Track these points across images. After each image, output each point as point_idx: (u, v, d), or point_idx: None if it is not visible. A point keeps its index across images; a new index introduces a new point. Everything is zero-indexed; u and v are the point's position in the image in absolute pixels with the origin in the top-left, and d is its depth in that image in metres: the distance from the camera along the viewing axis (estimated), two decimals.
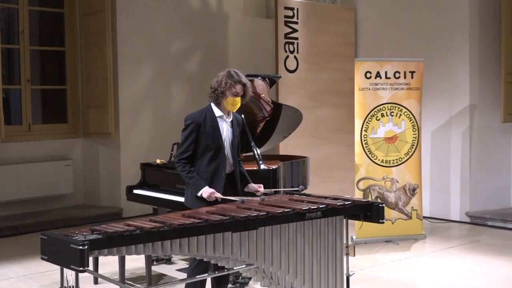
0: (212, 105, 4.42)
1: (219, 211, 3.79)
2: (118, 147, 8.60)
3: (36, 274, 5.87)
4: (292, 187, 5.56)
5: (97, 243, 3.16)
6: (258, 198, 4.18)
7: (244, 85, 4.39)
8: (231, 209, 3.85)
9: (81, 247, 3.02)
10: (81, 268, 3.02)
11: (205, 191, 4.28)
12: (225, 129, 4.43)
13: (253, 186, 4.54)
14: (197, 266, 4.29)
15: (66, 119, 8.81)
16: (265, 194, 4.43)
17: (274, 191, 4.39)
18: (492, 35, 7.98)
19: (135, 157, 8.33)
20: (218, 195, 4.28)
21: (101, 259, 5.62)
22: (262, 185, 4.52)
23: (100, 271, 5.58)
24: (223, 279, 4.53)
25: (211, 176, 4.36)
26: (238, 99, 4.37)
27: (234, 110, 4.44)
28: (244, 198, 4.05)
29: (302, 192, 4.64)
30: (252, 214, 3.66)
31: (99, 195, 8.81)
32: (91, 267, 4.58)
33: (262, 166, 5.38)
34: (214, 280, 4.55)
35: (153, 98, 8.92)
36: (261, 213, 3.70)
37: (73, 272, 3.14)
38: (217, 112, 4.41)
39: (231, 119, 4.48)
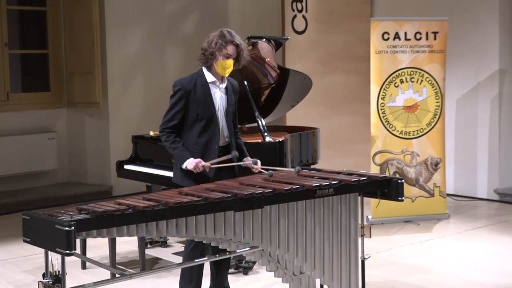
0: (204, 69, 4.40)
1: (220, 188, 3.79)
2: (106, 118, 8.60)
3: (17, 259, 5.91)
4: (300, 161, 5.56)
5: (85, 223, 3.16)
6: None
7: (237, 46, 4.33)
8: (234, 186, 3.85)
9: (67, 228, 3.02)
10: (67, 251, 3.03)
11: (190, 162, 4.26)
12: (219, 97, 4.40)
13: (250, 160, 4.50)
14: (194, 249, 4.31)
15: (48, 87, 8.81)
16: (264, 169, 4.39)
17: (265, 169, 4.35)
18: None
19: (126, 129, 8.34)
20: (205, 163, 4.26)
21: (90, 241, 5.67)
22: (259, 161, 4.47)
23: (89, 255, 5.61)
24: (223, 263, 4.55)
25: (203, 149, 4.35)
26: (230, 62, 4.33)
27: (226, 75, 4.39)
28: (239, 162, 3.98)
29: (313, 167, 4.63)
30: (257, 191, 3.66)
31: (86, 171, 8.84)
32: (78, 251, 4.62)
33: (267, 139, 5.38)
34: (213, 265, 4.56)
35: (146, 63, 8.89)
36: (267, 190, 3.70)
37: (59, 256, 3.15)
38: (209, 77, 4.38)
39: (225, 85, 4.44)
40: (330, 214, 4.03)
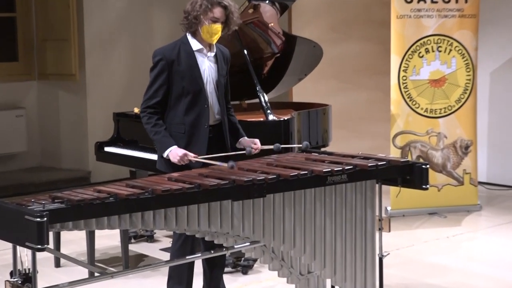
0: (188, 36, 4.38)
1: (215, 173, 3.79)
2: (84, 93, 8.59)
3: None
4: (309, 143, 5.55)
5: (60, 214, 3.17)
6: (253, 161, 4.13)
7: (225, 8, 4.30)
8: (231, 171, 3.85)
9: (39, 219, 3.03)
10: (39, 246, 3.04)
11: (173, 152, 4.23)
12: (207, 67, 4.39)
13: (247, 141, 4.50)
14: (183, 245, 4.31)
15: (16, 56, 8.79)
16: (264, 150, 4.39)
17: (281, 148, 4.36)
18: None
19: (107, 105, 8.34)
20: (192, 156, 4.20)
21: (65, 235, 5.68)
22: (258, 140, 4.48)
23: (63, 251, 5.62)
24: (218, 261, 4.55)
25: (191, 129, 4.35)
26: (218, 27, 4.30)
27: (214, 42, 4.37)
28: (233, 163, 3.89)
29: (323, 150, 4.64)
30: (258, 178, 3.67)
31: (60, 154, 8.85)
32: (51, 246, 4.63)
33: (271, 117, 5.38)
34: (206, 263, 4.56)
35: (129, 29, 8.87)
36: (270, 176, 3.70)
37: (29, 252, 3.16)
38: (195, 44, 4.37)
39: (214, 53, 4.42)
40: (343, 204, 4.04)
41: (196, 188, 3.51)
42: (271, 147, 4.40)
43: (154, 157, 5.43)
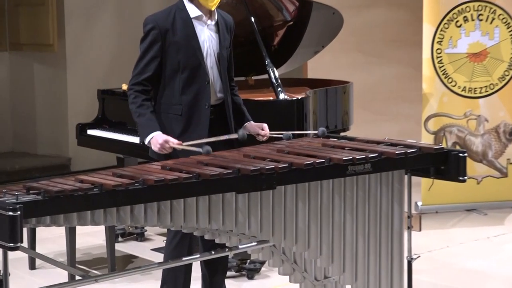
0: (185, 0, 4.38)
1: (217, 161, 3.79)
2: (63, 66, 8.61)
3: None
4: (326, 127, 5.56)
5: (35, 207, 3.16)
6: (265, 146, 4.15)
7: None
8: (236, 159, 3.85)
9: (11, 213, 3.03)
10: (11, 245, 3.04)
11: (154, 141, 4.22)
12: (207, 37, 4.40)
13: (253, 126, 4.50)
14: (179, 245, 4.33)
15: None
16: (273, 138, 4.40)
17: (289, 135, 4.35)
18: None
19: (90, 81, 8.35)
20: (175, 143, 4.18)
21: (41, 232, 5.70)
22: (266, 126, 4.48)
23: (39, 250, 5.64)
24: (219, 264, 4.55)
25: (189, 110, 4.36)
26: None
27: (213, 8, 4.37)
28: (209, 148, 3.88)
29: (343, 135, 4.65)
30: (267, 166, 3.65)
31: (36, 138, 8.86)
32: (25, 244, 4.64)
33: (282, 96, 5.38)
34: (205, 266, 4.57)
35: None
36: (281, 165, 3.69)
37: (0, 251, 3.17)
38: (193, 11, 4.36)
39: (215, 21, 4.43)
40: (366, 198, 4.03)
41: (194, 178, 3.50)
42: (281, 134, 4.38)
43: None
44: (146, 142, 4.28)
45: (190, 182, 3.49)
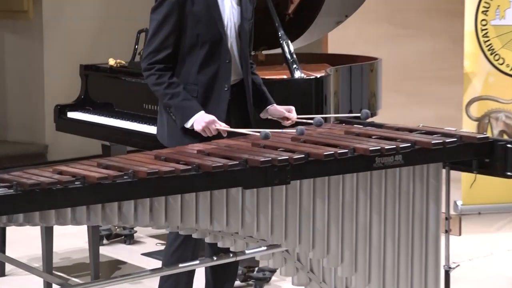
0: None
1: (221, 150, 3.80)
2: (39, 36, 8.61)
3: None
4: (350, 111, 5.55)
5: (6, 202, 3.16)
6: (290, 131, 4.17)
7: None
8: (243, 148, 3.86)
9: None
10: None
11: (199, 120, 4.29)
12: (228, 8, 4.45)
13: (277, 109, 4.53)
14: (181, 248, 4.34)
15: None
16: (300, 123, 4.42)
17: (321, 118, 4.36)
18: None
19: (71, 54, 8.34)
20: (223, 126, 4.28)
21: (12, 232, 5.69)
22: (293, 109, 4.51)
23: (10, 253, 5.63)
24: (228, 272, 4.57)
25: (205, 92, 4.41)
26: None
27: None
28: (269, 130, 4.00)
29: (367, 120, 4.64)
30: (280, 157, 3.66)
31: (6, 121, 8.88)
32: None
33: (298, 74, 5.38)
34: (211, 273, 4.59)
35: None
36: (296, 156, 3.69)
37: None
38: None
39: None
40: (396, 196, 4.04)
41: (193, 170, 3.51)
42: (311, 118, 4.38)
43: (135, 126, 5.47)
44: (188, 125, 4.32)
45: (188, 175, 3.50)
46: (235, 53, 4.48)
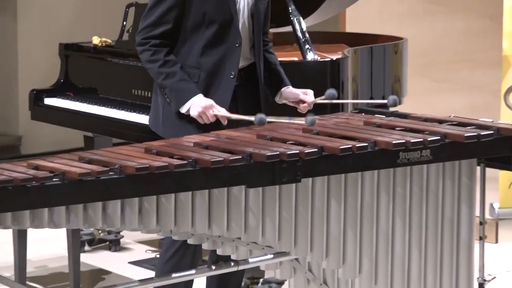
0: None
1: (221, 143, 3.80)
2: (13, 12, 8.66)
3: None
4: (371, 98, 5.55)
5: None
6: (298, 121, 4.17)
7: None
8: (246, 140, 3.87)
9: None
10: None
11: (196, 104, 4.33)
12: None
13: (293, 92, 4.58)
14: (180, 253, 4.37)
15: None
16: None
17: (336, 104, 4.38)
18: None
19: (49, 33, 8.40)
20: (222, 111, 4.31)
21: None
22: (311, 92, 4.55)
23: None
24: (227, 282, 4.60)
25: (208, 77, 4.46)
26: None
27: None
28: (271, 118, 4.05)
29: (393, 109, 4.64)
30: (289, 152, 3.65)
31: None
32: None
33: (311, 55, 5.40)
34: (213, 284, 4.63)
35: None
36: (308, 150, 3.69)
37: None
38: None
39: None
40: (422, 197, 4.04)
41: (190, 165, 3.51)
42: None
43: (123, 114, 5.46)
44: (184, 109, 4.37)
45: (184, 171, 3.50)
46: (246, 36, 4.53)
